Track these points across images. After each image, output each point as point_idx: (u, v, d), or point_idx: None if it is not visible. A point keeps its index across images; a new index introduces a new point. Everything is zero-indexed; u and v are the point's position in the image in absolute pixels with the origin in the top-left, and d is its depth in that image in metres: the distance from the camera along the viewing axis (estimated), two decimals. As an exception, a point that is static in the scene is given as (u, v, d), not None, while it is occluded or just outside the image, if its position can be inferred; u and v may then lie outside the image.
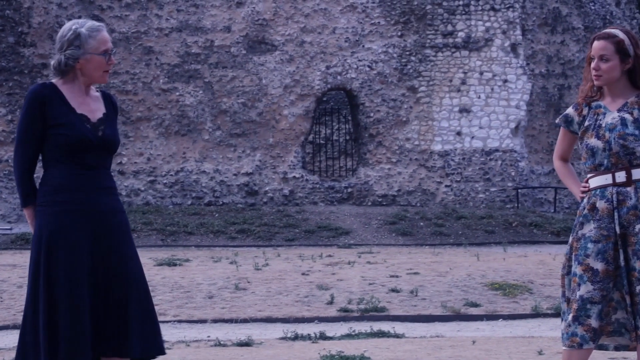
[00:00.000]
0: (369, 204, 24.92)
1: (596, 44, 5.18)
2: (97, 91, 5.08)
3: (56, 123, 4.85)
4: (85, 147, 4.86)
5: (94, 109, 4.97)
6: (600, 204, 5.15)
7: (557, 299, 13.11)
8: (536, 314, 12.72)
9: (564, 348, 5.15)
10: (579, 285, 5.09)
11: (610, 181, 5.15)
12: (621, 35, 5.18)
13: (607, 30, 5.23)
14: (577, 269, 5.13)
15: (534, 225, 23.06)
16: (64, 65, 4.91)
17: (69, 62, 4.90)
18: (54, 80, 4.97)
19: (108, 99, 5.09)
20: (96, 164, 4.92)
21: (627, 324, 5.11)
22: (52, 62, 4.95)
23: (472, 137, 25.31)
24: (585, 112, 5.28)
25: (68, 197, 4.85)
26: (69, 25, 4.93)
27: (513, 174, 25.34)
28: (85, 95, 4.98)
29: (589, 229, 5.15)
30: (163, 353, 4.98)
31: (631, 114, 5.17)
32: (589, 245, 5.12)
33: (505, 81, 25.39)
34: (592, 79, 5.21)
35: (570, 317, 5.10)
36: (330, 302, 13.03)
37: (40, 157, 4.98)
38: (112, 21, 24.28)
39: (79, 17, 22.90)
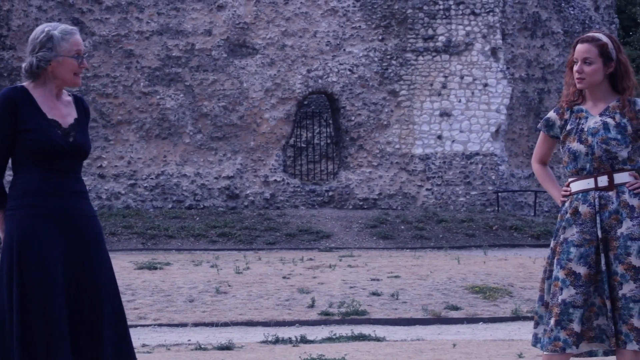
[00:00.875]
0: (350, 207, 24.93)
1: (579, 47, 5.18)
2: (69, 95, 5.02)
3: (26, 128, 4.78)
4: (56, 153, 4.80)
5: (65, 114, 4.90)
6: (583, 208, 5.14)
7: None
8: (516, 317, 12.76)
9: (545, 353, 5.14)
10: (561, 289, 5.09)
11: (592, 185, 5.15)
12: (604, 39, 5.18)
13: (591, 33, 5.23)
14: (559, 273, 5.12)
15: (514, 228, 23.12)
16: (36, 67, 4.84)
17: (41, 64, 4.83)
18: (25, 84, 4.90)
19: (80, 103, 5.01)
20: (66, 169, 4.85)
21: (607, 331, 5.10)
22: (24, 64, 4.88)
23: (453, 141, 25.36)
24: (567, 116, 5.28)
25: (38, 201, 4.77)
26: (42, 28, 4.87)
27: (493, 177, 25.40)
28: (56, 100, 4.91)
29: (571, 233, 5.14)
30: (134, 359, 4.94)
31: (613, 118, 5.18)
32: (572, 249, 5.12)
33: (486, 85, 25.46)
34: (574, 83, 5.22)
35: (552, 321, 5.09)
36: (311, 306, 13.03)
37: (10, 161, 4.90)
38: (92, 24, 24.20)
39: (59, 20, 22.82)
